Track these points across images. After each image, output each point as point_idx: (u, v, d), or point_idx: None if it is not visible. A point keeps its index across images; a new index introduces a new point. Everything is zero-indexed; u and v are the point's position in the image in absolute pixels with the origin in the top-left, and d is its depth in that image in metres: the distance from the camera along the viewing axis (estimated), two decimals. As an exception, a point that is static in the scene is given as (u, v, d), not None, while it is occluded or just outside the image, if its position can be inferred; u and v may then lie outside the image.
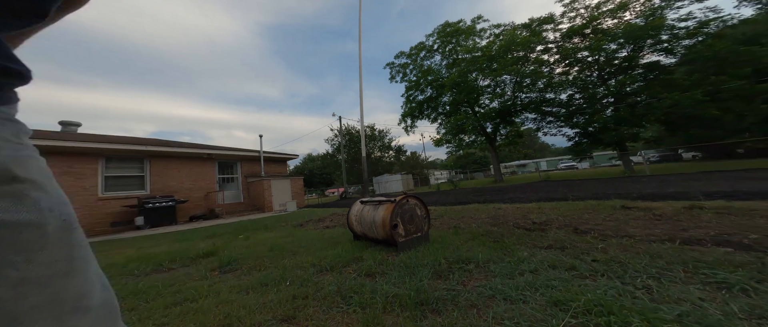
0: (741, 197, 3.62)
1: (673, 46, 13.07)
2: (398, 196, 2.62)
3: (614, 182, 8.39)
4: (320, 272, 1.99)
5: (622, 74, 13.89)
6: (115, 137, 10.55)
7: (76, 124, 10.51)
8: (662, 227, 2.45)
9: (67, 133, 9.46)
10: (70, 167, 7.37)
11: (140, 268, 2.57)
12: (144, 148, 8.60)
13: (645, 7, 13.29)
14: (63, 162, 7.30)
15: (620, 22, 13.91)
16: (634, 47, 13.41)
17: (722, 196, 3.77)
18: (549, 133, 16.81)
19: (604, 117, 13.30)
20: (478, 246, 2.30)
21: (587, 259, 1.74)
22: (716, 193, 4.12)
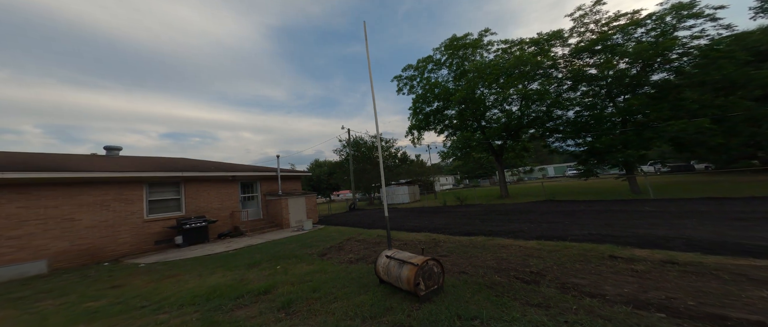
0: (717, 248, 4.12)
1: (682, 66, 13.24)
2: (421, 259, 3.28)
3: (615, 210, 8.79)
4: (364, 322, 2.67)
5: (630, 92, 14.09)
6: (154, 162, 11.59)
7: (118, 148, 11.73)
8: (632, 285, 3.03)
9: (113, 160, 10.57)
10: (121, 194, 8.35)
11: (223, 302, 3.32)
12: (180, 173, 9.55)
13: (657, 24, 13.08)
14: (116, 190, 8.30)
15: (630, 38, 13.77)
16: (643, 65, 13.44)
17: (703, 247, 4.23)
18: (555, 148, 17.03)
19: (610, 138, 13.53)
20: (483, 300, 2.94)
21: (561, 320, 2.35)
22: (699, 243, 4.51)
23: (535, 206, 11.51)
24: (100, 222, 7.93)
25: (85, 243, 7.58)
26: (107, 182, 8.20)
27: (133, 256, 7.99)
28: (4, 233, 6.59)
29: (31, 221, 6.98)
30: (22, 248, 6.72)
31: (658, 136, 12.37)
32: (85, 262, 7.36)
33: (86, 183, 7.88)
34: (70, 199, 7.61)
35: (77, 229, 7.56)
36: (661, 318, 2.26)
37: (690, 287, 2.86)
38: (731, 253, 3.91)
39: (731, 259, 3.65)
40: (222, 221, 10.51)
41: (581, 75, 14.52)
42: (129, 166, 9.74)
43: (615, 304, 2.56)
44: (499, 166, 18.31)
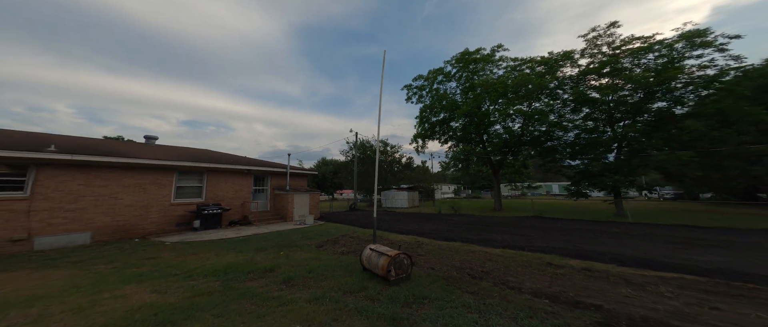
0: (633, 262, 5.03)
1: (682, 96, 13.57)
2: (394, 252, 4.26)
3: (587, 229, 9.50)
4: (344, 295, 3.66)
5: (630, 119, 14.50)
6: (184, 152, 13.00)
7: (154, 137, 13.31)
8: (544, 283, 3.89)
9: (151, 148, 12.05)
10: (156, 179, 9.70)
11: (238, 276, 4.38)
12: (205, 164, 10.86)
13: (667, 52, 13.14)
14: (153, 175, 9.66)
15: (639, 64, 13.91)
16: (647, 93, 13.68)
17: (624, 261, 5.14)
18: (552, 169, 17.56)
19: (602, 163, 14.02)
20: (437, 287, 3.88)
21: (481, 302, 3.27)
22: (624, 258, 5.41)
23: (520, 220, 12.23)
24: (136, 202, 9.25)
25: (123, 220, 8.91)
26: (147, 168, 9.55)
27: (158, 235, 9.26)
28: (64, 206, 7.94)
29: (87, 197, 8.31)
30: (75, 220, 8.06)
31: (644, 164, 12.84)
32: (120, 237, 8.66)
33: (130, 167, 9.22)
34: (116, 181, 8.94)
35: (119, 207, 8.89)
36: (545, 303, 3.17)
37: (582, 285, 3.78)
38: (640, 266, 4.82)
39: (634, 270, 4.58)
40: (234, 210, 11.75)
41: (584, 98, 14.95)
42: (164, 154, 11.11)
43: (523, 294, 3.48)
44: (496, 180, 18.99)
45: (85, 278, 4.25)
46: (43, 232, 7.47)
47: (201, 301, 3.24)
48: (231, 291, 3.62)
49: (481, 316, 2.93)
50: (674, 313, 2.98)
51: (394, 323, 2.82)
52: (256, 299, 3.34)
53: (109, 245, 7.59)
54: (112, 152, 9.21)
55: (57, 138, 10.28)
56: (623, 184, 13.42)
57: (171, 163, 9.94)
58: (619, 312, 2.98)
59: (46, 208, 7.64)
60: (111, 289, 3.65)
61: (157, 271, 4.61)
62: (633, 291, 3.61)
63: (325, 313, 3.00)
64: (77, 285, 3.86)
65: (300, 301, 3.33)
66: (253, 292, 3.57)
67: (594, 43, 15.46)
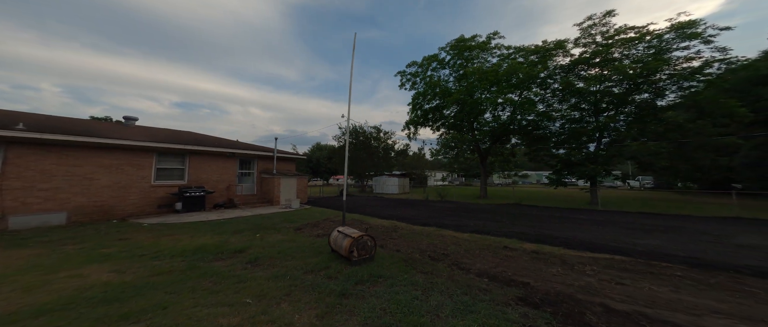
0: (579, 245, 5.43)
1: (665, 88, 13.77)
2: (358, 234, 4.41)
3: (557, 216, 9.97)
4: (305, 273, 3.83)
5: (613, 110, 14.74)
6: (165, 134, 12.71)
7: (134, 119, 12.91)
8: (491, 263, 4.16)
9: (130, 129, 11.72)
10: (134, 160, 9.55)
11: (206, 256, 4.51)
12: (186, 146, 10.69)
13: (657, 42, 12.99)
14: (130, 156, 9.49)
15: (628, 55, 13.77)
16: (630, 85, 13.79)
17: (572, 244, 5.56)
18: (536, 158, 17.91)
19: (581, 153, 14.39)
20: (395, 267, 4.09)
21: (429, 281, 3.48)
22: (574, 242, 5.89)
23: (500, 208, 12.65)
24: (114, 183, 9.16)
25: (100, 200, 8.85)
26: (124, 148, 9.36)
27: (138, 217, 9.29)
28: (37, 185, 7.81)
29: (59, 177, 8.18)
30: (49, 199, 7.98)
31: (619, 154, 13.24)
32: (98, 219, 8.65)
33: (106, 148, 9.02)
34: (91, 160, 8.77)
35: (95, 187, 8.79)
36: (485, 281, 3.43)
37: (523, 266, 4.12)
38: (584, 249, 5.26)
39: (576, 252, 5.01)
40: (219, 193, 11.77)
41: (571, 88, 15.01)
42: (143, 135, 10.87)
43: (469, 274, 3.72)
44: (483, 168, 19.31)
45: (49, 258, 4.31)
46: (18, 212, 7.41)
47: (158, 279, 3.36)
48: (193, 270, 3.74)
49: (424, 293, 3.14)
50: (585, 287, 3.36)
51: (341, 297, 3.00)
52: (215, 278, 3.47)
53: (85, 226, 7.60)
54: (84, 132, 8.95)
55: (28, 116, 9.90)
56: (600, 173, 13.88)
57: (149, 144, 9.75)
58: (540, 288, 3.31)
59: (20, 187, 7.52)
60: (70, 269, 3.72)
61: (125, 252, 4.69)
62: (562, 270, 3.97)
63: (279, 289, 3.16)
64: (38, 264, 3.93)
65: (259, 279, 3.49)
66: (215, 272, 3.70)
67: (588, 31, 15.19)
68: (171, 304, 2.59)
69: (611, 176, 15.40)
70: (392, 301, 2.90)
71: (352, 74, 6.55)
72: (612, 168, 14.48)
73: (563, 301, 2.96)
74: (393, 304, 2.83)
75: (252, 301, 2.75)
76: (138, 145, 9.48)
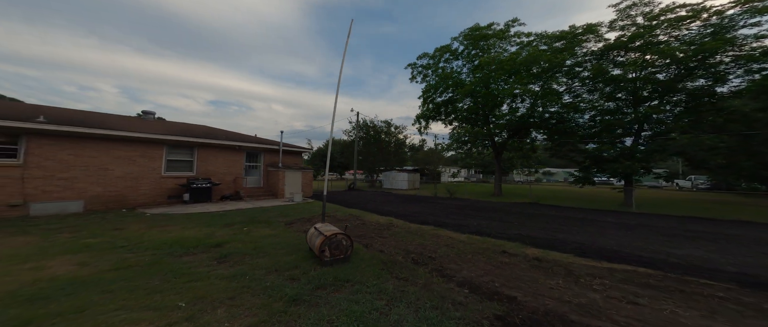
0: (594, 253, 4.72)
1: (726, 72, 11.61)
2: (331, 232, 4.01)
3: (577, 217, 8.83)
4: (268, 273, 3.52)
5: (657, 99, 12.87)
6: (176, 127, 13.27)
7: (152, 113, 13.62)
8: (480, 271, 3.55)
9: (145, 122, 12.34)
10: (146, 152, 9.96)
11: (178, 250, 4.37)
12: (194, 139, 11.00)
13: (717, 20, 11.08)
14: (142, 148, 9.90)
15: (678, 37, 11.82)
16: (680, 70, 11.84)
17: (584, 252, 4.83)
18: (559, 154, 16.34)
19: (615, 148, 12.77)
20: (370, 271, 3.64)
21: (401, 289, 2.99)
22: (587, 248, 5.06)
23: (512, 207, 11.64)
24: (127, 174, 9.62)
25: (114, 190, 9.34)
26: (136, 141, 9.78)
27: (148, 206, 9.69)
28: (56, 174, 8.37)
29: (77, 167, 8.71)
30: (68, 188, 8.53)
31: (662, 149, 11.48)
32: (111, 207, 9.13)
33: (120, 140, 9.48)
34: (106, 152, 9.26)
35: (109, 177, 9.29)
36: (464, 293, 2.88)
37: (517, 275, 3.48)
38: (600, 257, 4.49)
39: (589, 261, 4.26)
40: (225, 185, 12.03)
41: (604, 76, 13.26)
42: (156, 128, 11.34)
43: (450, 282, 3.17)
44: (497, 164, 18.06)
45: (33, 247, 4.40)
46: (39, 199, 7.97)
47: (111, 275, 3.20)
48: (155, 265, 3.58)
49: (388, 304, 2.67)
50: (585, 306, 2.71)
51: (291, 304, 2.63)
52: (170, 275, 3.25)
53: (96, 214, 8.00)
54: (99, 125, 9.43)
55: (49, 110, 10.67)
56: (637, 171, 12.21)
57: (159, 136, 10.09)
58: (528, 304, 2.70)
59: (40, 176, 8.07)
60: (40, 260, 3.70)
61: (107, 243, 4.70)
62: (563, 282, 3.30)
63: (227, 291, 2.86)
64: (17, 254, 3.98)
65: (214, 278, 3.22)
66: (174, 268, 3.50)
67: (626, 13, 13.38)
68: (93, 307, 2.37)
69: (651, 175, 13.58)
70: (346, 312, 2.46)
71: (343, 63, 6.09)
72: (653, 165, 12.68)
73: (550, 323, 2.34)
74: (345, 316, 2.40)
75: (185, 305, 2.45)
76: (149, 137, 9.85)
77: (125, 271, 3.35)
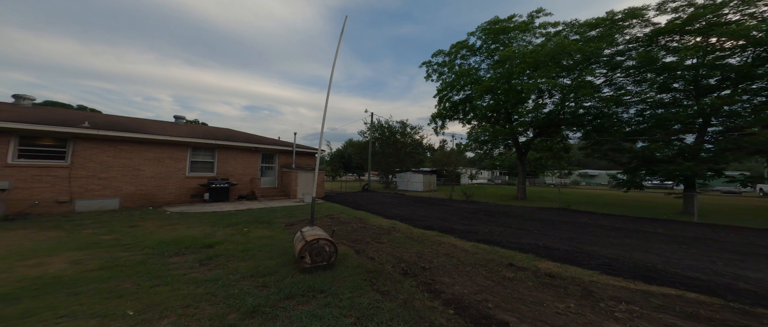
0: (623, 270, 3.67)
1: None
2: (312, 237, 3.75)
3: (616, 226, 7.51)
4: (242, 279, 3.34)
5: (729, 87, 10.71)
6: (199, 130, 14.29)
7: (182, 117, 14.90)
8: (477, 288, 2.99)
9: (174, 126, 13.48)
10: (173, 154, 10.76)
11: (169, 250, 4.42)
12: (214, 141, 11.67)
13: None
14: (169, 150, 10.71)
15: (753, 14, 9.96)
16: (759, 54, 9.86)
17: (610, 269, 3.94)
18: (598, 153, 14.42)
19: (672, 146, 10.83)
20: (350, 281, 3.30)
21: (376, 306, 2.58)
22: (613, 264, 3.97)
23: (536, 212, 10.45)
24: (156, 174, 10.47)
25: (145, 189, 10.20)
26: (164, 144, 10.60)
27: (172, 204, 10.41)
28: (98, 174, 9.35)
29: (115, 167, 9.66)
30: (106, 187, 9.49)
31: (737, 147, 9.40)
32: (142, 205, 9.97)
33: (150, 142, 10.34)
34: (139, 154, 10.16)
35: (141, 177, 10.17)
36: (448, 314, 2.40)
37: (518, 295, 2.94)
38: (637, 276, 3.70)
39: (620, 280, 3.55)
40: (243, 185, 12.57)
41: (655, 64, 11.44)
42: (183, 132, 12.25)
43: (436, 300, 2.72)
44: (521, 165, 16.56)
45: (54, 242, 4.76)
46: (83, 196, 8.94)
47: (92, 275, 3.25)
48: (139, 266, 3.61)
49: (356, 323, 2.30)
50: None
51: (246, 316, 2.39)
52: (144, 277, 3.22)
53: (127, 211, 8.74)
54: (132, 129, 10.40)
55: (92, 115, 12.04)
56: (701, 174, 10.21)
57: (184, 139, 10.84)
58: None
59: (84, 176, 9.06)
60: (47, 256, 3.94)
61: (114, 241, 4.94)
62: (576, 306, 2.68)
63: (186, 298, 2.72)
64: (34, 249, 4.31)
65: (184, 282, 3.12)
66: (153, 270, 3.48)
67: None
68: (42, 312, 2.33)
69: (723, 178, 11.34)
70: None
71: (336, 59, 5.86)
72: (724, 166, 10.54)
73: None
74: (297, 338, 2.07)
75: (132, 314, 2.33)
76: (175, 140, 10.62)
77: (108, 271, 3.40)
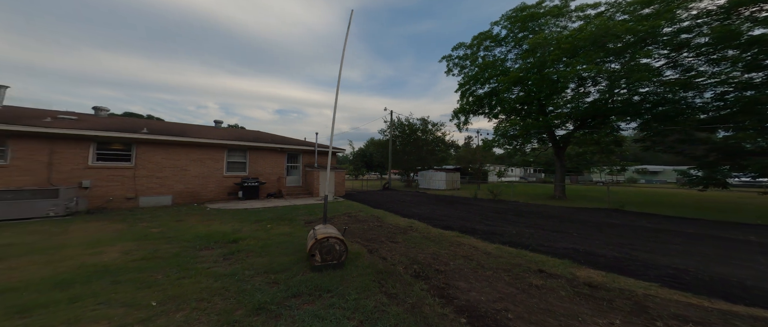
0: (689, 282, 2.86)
1: None
2: (323, 235, 3.76)
3: (690, 232, 6.27)
4: (257, 274, 3.47)
5: None
6: (233, 133, 15.61)
7: (220, 121, 16.47)
8: (497, 295, 2.66)
9: (215, 129, 14.95)
10: (212, 155, 11.91)
11: (201, 244, 4.82)
12: (246, 143, 12.65)
13: None
14: (210, 152, 11.85)
15: None
16: None
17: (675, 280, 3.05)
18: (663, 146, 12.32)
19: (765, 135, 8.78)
20: (359, 281, 3.24)
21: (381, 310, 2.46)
22: (681, 275, 3.20)
23: (577, 213, 9.29)
24: (200, 173, 11.69)
25: (191, 187, 11.45)
26: (205, 146, 11.77)
27: (212, 201, 11.51)
28: (155, 174, 10.74)
29: (168, 168, 11.00)
30: (161, 185, 10.85)
31: None
32: (189, 201, 11.19)
33: (194, 145, 11.55)
34: (186, 155, 11.43)
35: (188, 177, 11.43)
36: (460, 322, 2.14)
37: (546, 306, 2.56)
38: (708, 292, 3.01)
39: (690, 296, 2.90)
40: (270, 184, 13.40)
41: (739, 39, 9.46)
42: (220, 135, 13.47)
43: (447, 307, 2.52)
44: (559, 161, 14.90)
45: (115, 234, 5.50)
46: (145, 194, 10.35)
47: (135, 265, 3.67)
48: (174, 258, 3.98)
49: (360, 325, 2.25)
50: None
51: (252, 312, 2.46)
52: (174, 269, 3.52)
53: (177, 207, 9.89)
54: (180, 133, 11.72)
55: (150, 123, 13.80)
56: None
57: (221, 141, 11.93)
58: None
59: (145, 176, 10.48)
60: (105, 246, 4.55)
61: (160, 234, 5.57)
62: (624, 323, 2.28)
63: (203, 291, 2.90)
64: (98, 239, 5.02)
65: (206, 275, 3.35)
66: (184, 262, 3.79)
67: None
68: (86, 298, 2.65)
69: None
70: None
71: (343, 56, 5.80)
72: None
73: None
74: (294, 339, 2.05)
75: (155, 304, 2.54)
76: (213, 142, 11.74)
77: (148, 261, 3.82)
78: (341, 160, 50.22)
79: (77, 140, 9.18)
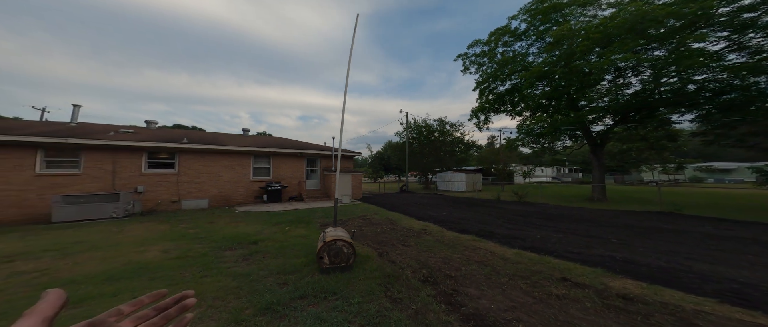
0: None
1: None
2: (331, 238, 3.83)
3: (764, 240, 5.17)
4: (270, 275, 3.64)
5: None
6: (257, 140, 16.72)
7: (248, 129, 17.81)
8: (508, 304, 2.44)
9: (242, 137, 16.19)
10: (240, 161, 12.87)
11: (227, 244, 5.19)
12: (269, 149, 13.46)
13: None
14: (238, 158, 12.81)
15: None
16: None
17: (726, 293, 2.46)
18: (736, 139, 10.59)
19: None
20: (364, 285, 3.24)
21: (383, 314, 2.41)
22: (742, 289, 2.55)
23: (618, 217, 8.28)
24: (231, 179, 12.69)
25: (223, 191, 12.47)
26: (234, 153, 12.76)
27: (241, 204, 12.39)
28: (194, 179, 11.89)
29: (204, 174, 12.13)
30: (200, 190, 11.99)
31: None
32: (222, 205, 12.18)
33: (225, 152, 12.61)
34: (218, 162, 12.52)
35: (221, 182, 12.48)
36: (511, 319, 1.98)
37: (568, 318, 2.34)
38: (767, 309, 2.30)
39: (747, 312, 2.37)
40: (291, 188, 14.04)
41: None
42: (247, 142, 14.54)
43: (453, 314, 2.41)
44: (596, 160, 13.45)
45: (160, 234, 6.16)
46: (186, 197, 11.50)
47: (170, 263, 4.05)
48: (202, 257, 4.33)
49: None
50: None
51: (260, 312, 2.58)
52: (200, 268, 3.83)
53: (212, 210, 10.82)
54: (211, 141, 12.85)
55: (190, 133, 15.29)
56: None
57: (248, 148, 12.84)
58: None
59: (186, 181, 11.66)
60: (150, 245, 5.11)
61: (194, 235, 6.10)
62: None
63: (220, 290, 3.10)
64: (145, 238, 5.68)
65: (224, 275, 3.59)
66: (209, 262, 4.10)
67: None
68: (125, 292, 3.00)
69: None
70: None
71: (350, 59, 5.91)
72: None
73: None
74: (295, 339, 2.10)
75: None
76: (241, 149, 12.68)
77: (181, 260, 4.21)
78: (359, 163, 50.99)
79: (133, 150, 10.53)
